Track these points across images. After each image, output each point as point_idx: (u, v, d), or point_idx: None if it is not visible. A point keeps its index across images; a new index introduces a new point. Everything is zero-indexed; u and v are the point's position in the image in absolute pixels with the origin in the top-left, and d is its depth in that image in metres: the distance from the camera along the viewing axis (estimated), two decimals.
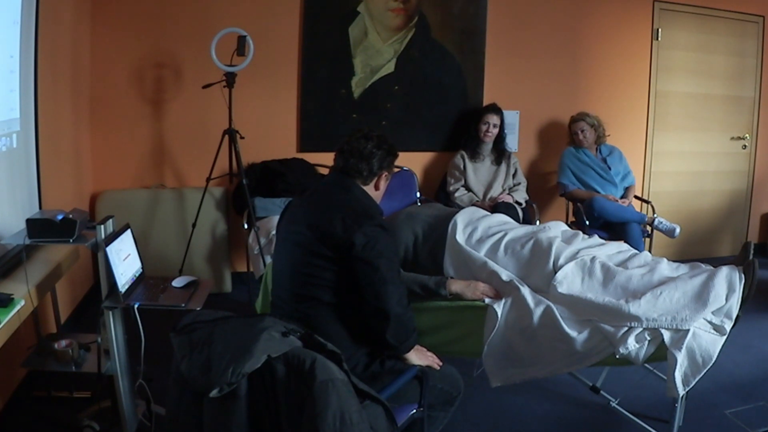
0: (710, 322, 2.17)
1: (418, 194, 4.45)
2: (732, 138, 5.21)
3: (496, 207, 4.03)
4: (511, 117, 4.57)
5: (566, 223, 3.92)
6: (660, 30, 4.85)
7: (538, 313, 2.25)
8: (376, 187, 2.17)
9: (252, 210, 3.79)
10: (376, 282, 1.96)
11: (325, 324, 2.00)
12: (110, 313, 2.28)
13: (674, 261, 2.49)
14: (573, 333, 2.20)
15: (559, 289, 2.28)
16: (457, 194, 4.28)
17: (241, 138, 3.76)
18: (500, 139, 4.39)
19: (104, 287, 2.29)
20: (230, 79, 3.66)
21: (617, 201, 4.28)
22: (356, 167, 2.10)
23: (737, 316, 2.18)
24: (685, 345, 2.09)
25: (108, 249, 2.21)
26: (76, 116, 3.73)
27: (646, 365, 2.41)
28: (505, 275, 2.35)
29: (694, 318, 2.13)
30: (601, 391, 2.74)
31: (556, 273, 2.32)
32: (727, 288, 2.22)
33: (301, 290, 2.04)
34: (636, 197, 4.62)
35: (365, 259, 1.96)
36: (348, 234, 1.95)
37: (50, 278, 2.55)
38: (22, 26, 2.62)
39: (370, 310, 2.00)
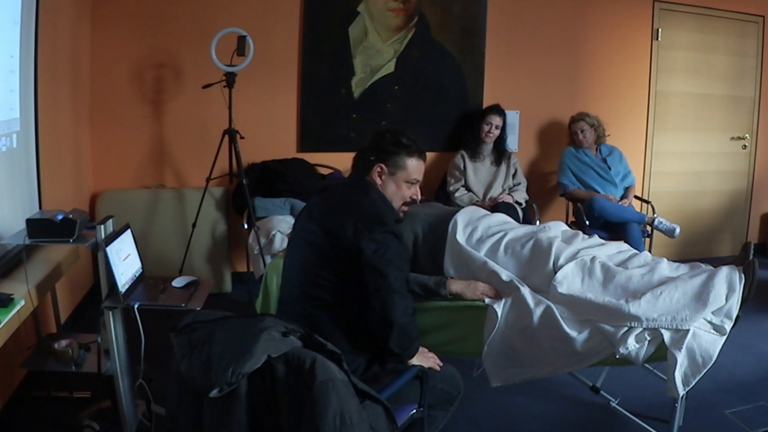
0: (710, 322, 2.17)
1: None
2: (732, 138, 5.21)
3: (496, 207, 4.03)
4: (512, 117, 4.57)
5: (566, 223, 3.93)
6: (660, 30, 4.85)
7: (538, 313, 2.24)
8: (373, 182, 2.11)
9: (252, 210, 3.78)
10: (383, 290, 1.95)
11: (329, 325, 2.00)
12: (110, 313, 2.28)
13: (674, 261, 2.49)
14: (573, 333, 2.20)
15: (559, 289, 2.27)
16: (457, 194, 4.28)
17: (241, 138, 3.76)
18: (501, 139, 4.39)
19: (104, 287, 2.29)
20: (230, 79, 3.66)
21: (617, 201, 4.28)
22: (354, 163, 2.12)
23: (737, 316, 2.18)
24: (685, 345, 2.09)
25: (108, 249, 2.21)
26: (76, 116, 3.73)
27: (646, 365, 2.40)
28: (505, 275, 2.35)
29: (694, 318, 2.13)
30: (601, 391, 2.73)
31: (556, 273, 2.32)
32: (727, 288, 2.21)
33: (308, 289, 2.04)
34: (636, 197, 4.62)
35: (374, 266, 1.94)
36: (357, 239, 1.94)
37: (50, 278, 2.55)
38: (22, 26, 2.62)
39: (375, 318, 1.98)
